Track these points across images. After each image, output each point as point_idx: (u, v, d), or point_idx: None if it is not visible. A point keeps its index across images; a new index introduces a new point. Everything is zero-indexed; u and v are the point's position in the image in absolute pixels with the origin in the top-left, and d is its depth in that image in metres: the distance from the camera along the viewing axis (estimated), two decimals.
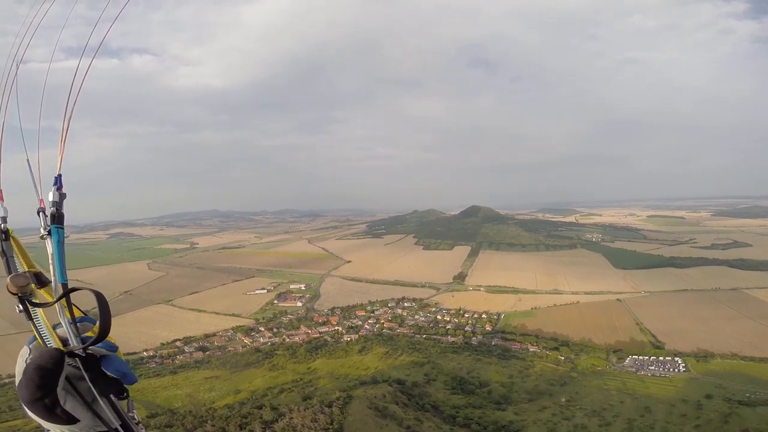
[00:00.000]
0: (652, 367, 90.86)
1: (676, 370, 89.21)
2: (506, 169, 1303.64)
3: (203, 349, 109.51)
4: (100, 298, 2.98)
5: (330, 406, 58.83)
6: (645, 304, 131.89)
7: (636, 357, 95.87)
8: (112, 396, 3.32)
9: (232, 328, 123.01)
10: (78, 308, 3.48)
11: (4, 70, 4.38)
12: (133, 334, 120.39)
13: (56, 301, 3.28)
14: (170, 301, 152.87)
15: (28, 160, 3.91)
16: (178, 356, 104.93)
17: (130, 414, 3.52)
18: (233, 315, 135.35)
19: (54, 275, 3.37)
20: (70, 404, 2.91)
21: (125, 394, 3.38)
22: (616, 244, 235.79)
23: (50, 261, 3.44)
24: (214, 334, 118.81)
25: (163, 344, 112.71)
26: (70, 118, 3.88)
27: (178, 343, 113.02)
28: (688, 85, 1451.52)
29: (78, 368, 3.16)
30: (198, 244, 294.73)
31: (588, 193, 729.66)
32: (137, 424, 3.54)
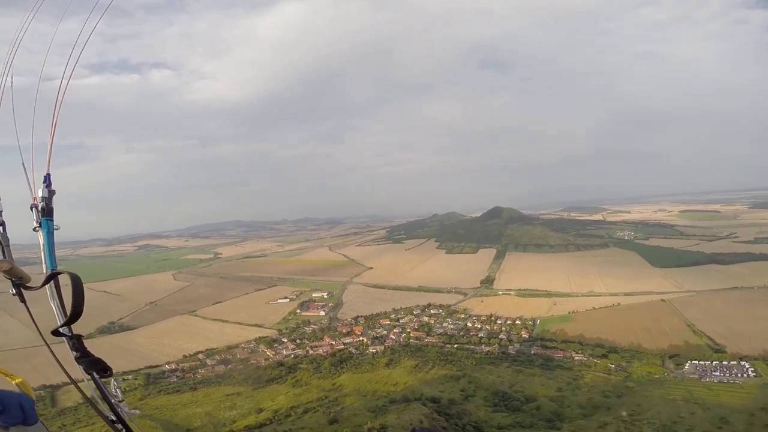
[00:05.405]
0: (717, 373, 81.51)
1: (745, 375, 79.84)
2: (527, 168, 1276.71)
3: (225, 362, 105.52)
4: (74, 279, 3.31)
5: None
6: (693, 304, 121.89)
7: (696, 362, 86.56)
8: (95, 374, 3.62)
9: (255, 340, 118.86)
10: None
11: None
12: (156, 346, 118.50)
13: (44, 284, 3.71)
14: (194, 311, 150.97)
15: (23, 164, 4.32)
16: (199, 370, 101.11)
17: (114, 393, 3.75)
18: (256, 325, 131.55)
19: (44, 262, 3.85)
20: None
21: (109, 372, 3.65)
22: (651, 242, 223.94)
23: (41, 249, 3.92)
24: (236, 346, 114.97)
25: (185, 357, 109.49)
26: (56, 123, 4.32)
27: (200, 356, 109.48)
28: (708, 77, 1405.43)
29: None
30: (221, 253, 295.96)
31: (613, 189, 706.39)
32: (120, 402, 3.76)
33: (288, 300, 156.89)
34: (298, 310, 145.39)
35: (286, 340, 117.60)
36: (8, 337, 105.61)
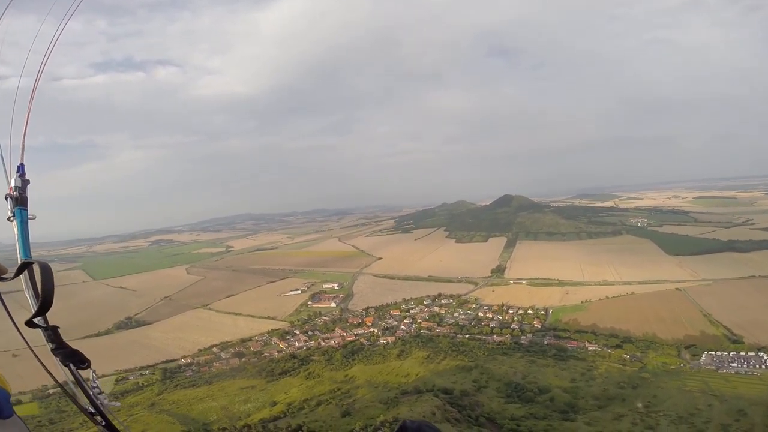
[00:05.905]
0: (734, 364, 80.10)
1: (764, 366, 78.38)
2: (537, 156, 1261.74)
3: (239, 355, 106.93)
4: (44, 268, 3.26)
5: None
6: (709, 293, 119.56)
7: (713, 353, 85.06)
8: (71, 365, 3.57)
9: (268, 332, 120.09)
10: None
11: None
12: (172, 340, 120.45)
13: (16, 275, 3.63)
14: (208, 305, 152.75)
15: (1, 156, 4.28)
16: (214, 363, 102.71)
17: (93, 385, 3.67)
18: (269, 318, 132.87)
19: (18, 252, 3.79)
20: None
21: (87, 363, 3.58)
22: (665, 229, 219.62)
23: (15, 239, 3.86)
24: (250, 339, 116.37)
25: (200, 350, 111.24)
26: (29, 114, 4.38)
27: (215, 349, 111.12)
28: (721, 63, 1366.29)
29: None
30: (233, 247, 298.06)
31: (625, 176, 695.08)
32: (99, 394, 3.67)
33: (299, 292, 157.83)
34: (309, 302, 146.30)
35: (298, 332, 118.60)
36: (27, 335, 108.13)
